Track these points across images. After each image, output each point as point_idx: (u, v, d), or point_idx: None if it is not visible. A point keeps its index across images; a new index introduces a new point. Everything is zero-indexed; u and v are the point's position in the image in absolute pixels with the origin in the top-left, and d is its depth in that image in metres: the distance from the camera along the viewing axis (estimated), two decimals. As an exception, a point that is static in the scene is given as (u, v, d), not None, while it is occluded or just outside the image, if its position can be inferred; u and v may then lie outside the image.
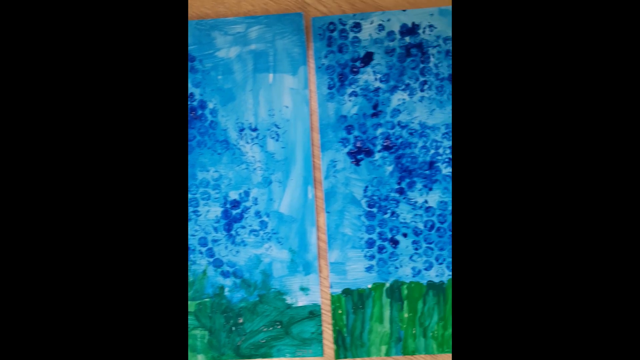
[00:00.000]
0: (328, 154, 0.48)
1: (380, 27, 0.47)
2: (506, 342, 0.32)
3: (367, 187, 0.48)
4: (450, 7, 0.47)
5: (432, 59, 0.48)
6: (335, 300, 0.49)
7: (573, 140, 0.32)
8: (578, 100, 0.32)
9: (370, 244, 0.49)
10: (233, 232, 0.49)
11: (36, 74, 0.32)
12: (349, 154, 0.48)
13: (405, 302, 0.49)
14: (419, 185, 0.48)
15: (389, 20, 0.47)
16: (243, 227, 0.49)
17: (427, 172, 0.48)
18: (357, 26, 0.47)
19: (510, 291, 0.32)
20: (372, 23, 0.47)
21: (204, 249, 0.49)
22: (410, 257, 0.49)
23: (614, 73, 0.32)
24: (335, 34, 0.47)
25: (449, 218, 0.48)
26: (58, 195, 0.32)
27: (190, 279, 0.49)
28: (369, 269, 0.49)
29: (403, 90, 0.48)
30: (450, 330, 0.49)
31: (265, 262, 0.49)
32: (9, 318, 0.32)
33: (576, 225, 0.32)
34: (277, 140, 0.48)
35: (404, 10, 0.47)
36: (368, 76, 0.48)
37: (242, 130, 0.49)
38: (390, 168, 0.48)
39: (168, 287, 0.33)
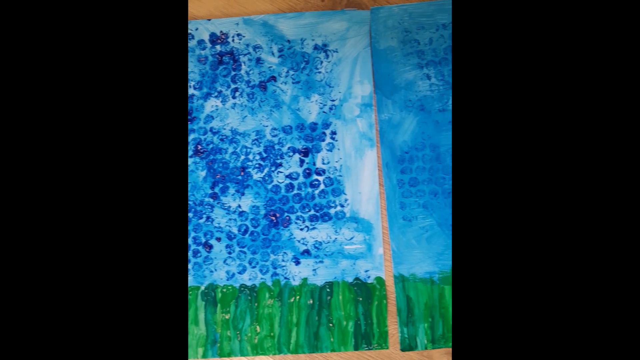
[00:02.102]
0: (142, 160, 0.49)
1: (190, 36, 0.48)
2: (506, 341, 0.32)
3: (182, 192, 0.49)
4: (254, 17, 0.48)
5: (243, 66, 0.49)
6: (151, 303, 0.49)
7: (573, 140, 0.32)
8: (578, 102, 0.32)
9: (185, 248, 0.49)
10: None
11: (41, 73, 0.32)
12: (162, 159, 0.49)
13: (219, 305, 0.49)
14: (231, 190, 0.49)
15: (197, 29, 0.48)
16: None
17: (239, 177, 0.49)
18: (167, 34, 0.48)
19: (509, 291, 0.32)
20: (181, 32, 0.48)
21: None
22: (224, 261, 0.50)
23: (612, 69, 0.32)
24: (145, 42, 0.48)
25: (262, 222, 0.49)
26: (56, 195, 0.32)
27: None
28: (184, 272, 0.49)
29: (216, 97, 0.49)
30: (263, 333, 0.49)
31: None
32: (11, 319, 0.31)
33: (576, 225, 0.32)
34: (92, 145, 0.49)
35: (209, 20, 0.48)
36: (182, 83, 0.49)
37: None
38: (203, 173, 0.49)
39: (167, 287, 0.33)
